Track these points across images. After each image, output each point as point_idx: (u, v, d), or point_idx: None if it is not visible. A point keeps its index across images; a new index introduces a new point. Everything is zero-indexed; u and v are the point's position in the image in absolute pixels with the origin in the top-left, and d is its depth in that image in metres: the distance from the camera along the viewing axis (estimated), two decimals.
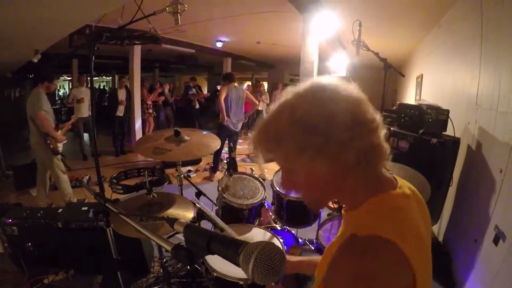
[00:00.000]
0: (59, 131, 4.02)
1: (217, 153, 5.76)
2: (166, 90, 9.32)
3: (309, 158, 0.70)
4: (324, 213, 2.96)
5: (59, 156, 4.08)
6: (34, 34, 4.06)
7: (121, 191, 1.89)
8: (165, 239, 0.83)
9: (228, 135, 5.39)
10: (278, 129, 0.72)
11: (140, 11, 2.40)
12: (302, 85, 0.76)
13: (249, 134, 10.13)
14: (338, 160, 0.70)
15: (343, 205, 0.86)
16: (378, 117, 0.74)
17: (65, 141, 4.11)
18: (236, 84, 5.64)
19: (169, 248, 0.78)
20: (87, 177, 5.19)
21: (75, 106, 6.68)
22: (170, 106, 9.71)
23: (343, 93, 0.72)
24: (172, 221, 0.83)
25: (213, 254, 0.72)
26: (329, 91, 0.73)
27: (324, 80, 0.76)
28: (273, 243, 0.67)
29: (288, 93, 0.77)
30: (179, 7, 2.28)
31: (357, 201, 0.76)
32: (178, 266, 2.55)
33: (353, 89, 0.74)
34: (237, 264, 0.66)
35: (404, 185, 0.81)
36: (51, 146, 3.87)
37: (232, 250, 0.68)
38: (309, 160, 0.70)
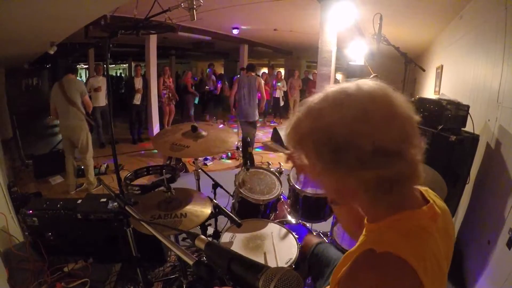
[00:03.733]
0: None
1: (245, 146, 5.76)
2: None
3: (321, 168, 0.72)
4: None
5: None
6: (50, 28, 4.14)
7: (139, 192, 1.94)
8: (187, 252, 0.86)
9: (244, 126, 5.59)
10: (302, 129, 0.74)
11: (155, 4, 2.41)
12: (345, 88, 0.72)
13: (266, 121, 10.31)
14: (344, 182, 0.71)
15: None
16: (414, 144, 0.70)
17: None
18: (253, 73, 5.74)
19: (190, 262, 0.81)
20: (105, 165, 5.32)
21: (92, 94, 6.83)
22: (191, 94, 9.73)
23: (379, 112, 0.67)
24: (194, 236, 0.86)
25: (233, 274, 0.76)
26: (365, 106, 0.68)
27: (373, 88, 0.71)
28: (292, 271, 0.71)
29: (328, 92, 0.74)
30: (194, 3, 2.26)
31: (378, 215, 0.77)
32: (194, 255, 2.63)
33: (398, 106, 0.70)
34: (256, 287, 0.70)
35: (435, 203, 0.80)
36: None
37: (252, 273, 0.72)
38: (321, 170, 0.72)
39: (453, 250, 0.85)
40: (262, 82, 5.92)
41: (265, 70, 15.85)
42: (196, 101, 9.41)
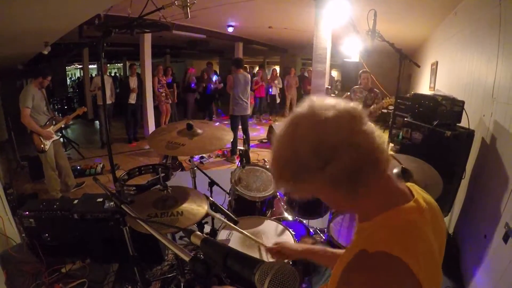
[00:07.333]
0: (51, 127, 4.03)
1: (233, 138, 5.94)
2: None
3: (297, 188, 0.76)
4: None
5: (52, 153, 4.05)
6: (44, 27, 4.09)
7: (135, 191, 1.93)
8: (183, 249, 0.85)
9: (241, 120, 5.95)
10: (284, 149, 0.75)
11: (148, 2, 2.39)
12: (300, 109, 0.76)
13: (262, 119, 10.28)
14: (321, 189, 0.73)
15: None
16: (357, 131, 0.69)
17: (53, 138, 4.04)
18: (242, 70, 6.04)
19: (187, 259, 0.81)
20: (101, 165, 5.30)
21: (97, 93, 6.91)
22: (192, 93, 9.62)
23: (313, 123, 0.70)
24: (189, 232, 0.86)
25: (229, 269, 0.75)
26: (306, 121, 0.71)
27: (310, 106, 0.73)
28: (288, 265, 0.71)
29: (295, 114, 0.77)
30: (188, 1, 2.25)
31: (369, 214, 0.76)
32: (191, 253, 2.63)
33: (338, 111, 0.70)
34: (252, 282, 0.70)
35: (420, 197, 0.80)
36: (35, 143, 3.85)
37: (248, 268, 0.72)
38: (299, 189, 0.76)
39: (449, 244, 0.85)
40: None
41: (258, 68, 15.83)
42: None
